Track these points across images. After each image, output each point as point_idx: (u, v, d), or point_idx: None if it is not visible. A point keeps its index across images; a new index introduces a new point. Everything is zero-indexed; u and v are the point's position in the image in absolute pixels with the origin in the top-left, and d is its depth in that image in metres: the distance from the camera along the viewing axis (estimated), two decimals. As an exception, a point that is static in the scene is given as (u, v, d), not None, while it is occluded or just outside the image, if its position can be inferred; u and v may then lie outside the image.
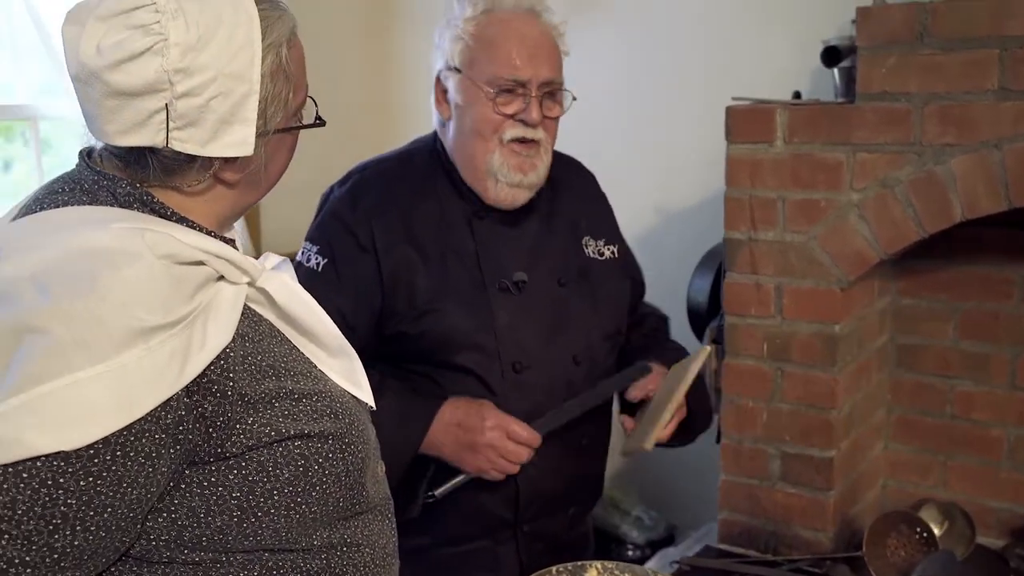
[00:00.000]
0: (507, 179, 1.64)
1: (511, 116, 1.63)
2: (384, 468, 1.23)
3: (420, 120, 3.31)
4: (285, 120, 1.09)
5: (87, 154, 1.08)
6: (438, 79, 1.71)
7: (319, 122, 1.17)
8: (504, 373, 1.65)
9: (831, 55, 2.01)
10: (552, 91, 1.66)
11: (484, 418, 1.57)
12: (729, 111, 2.00)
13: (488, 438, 1.56)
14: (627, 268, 1.90)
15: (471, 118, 1.65)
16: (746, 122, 1.99)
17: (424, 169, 1.72)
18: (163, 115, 0.98)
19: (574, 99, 1.71)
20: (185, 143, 1.00)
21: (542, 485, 1.70)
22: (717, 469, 2.15)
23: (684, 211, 2.84)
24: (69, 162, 1.09)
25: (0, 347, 0.89)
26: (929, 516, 2.02)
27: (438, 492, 1.60)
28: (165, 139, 0.99)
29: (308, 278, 1.63)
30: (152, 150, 1.01)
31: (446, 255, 1.66)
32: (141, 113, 0.98)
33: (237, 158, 1.04)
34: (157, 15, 0.96)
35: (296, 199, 3.12)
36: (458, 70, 1.66)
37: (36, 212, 1.02)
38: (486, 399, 1.62)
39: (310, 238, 1.70)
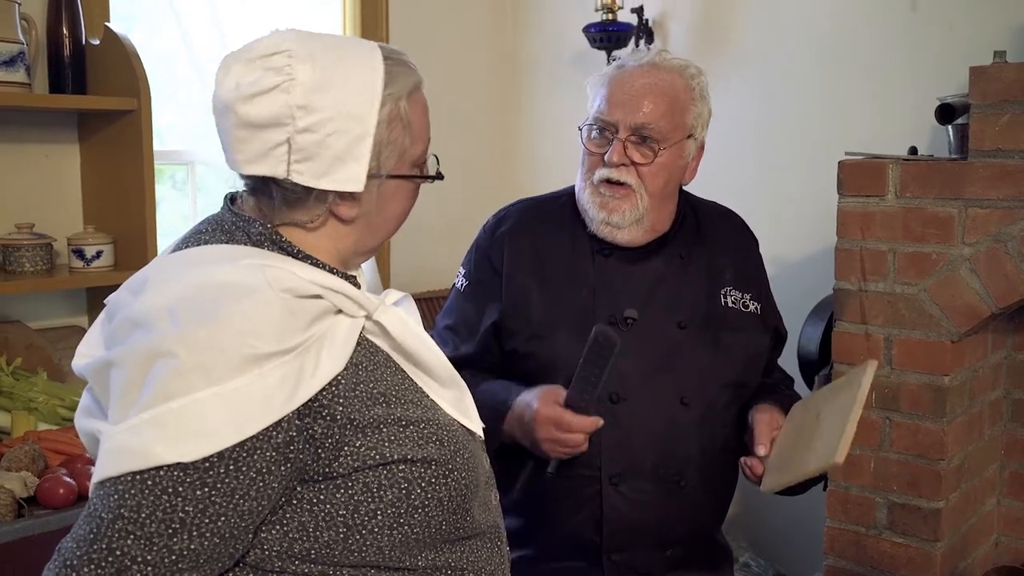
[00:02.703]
0: (594, 216, 1.74)
1: (600, 156, 1.73)
2: (498, 496, 1.29)
3: (543, 171, 3.47)
4: (402, 167, 1.17)
5: (230, 198, 1.21)
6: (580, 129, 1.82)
7: (437, 176, 1.24)
8: (601, 401, 1.68)
9: (945, 112, 2.05)
10: (644, 137, 1.71)
11: (534, 418, 1.61)
12: (841, 165, 2.07)
13: (541, 434, 1.61)
14: (768, 327, 1.87)
15: (582, 158, 1.78)
16: (857, 176, 2.04)
17: (566, 207, 1.84)
18: (285, 148, 1.09)
19: (663, 149, 1.70)
20: (302, 175, 1.10)
21: (627, 514, 1.72)
22: (825, 518, 2.18)
23: (797, 262, 2.89)
24: (219, 203, 1.23)
25: (138, 368, 1.00)
26: (1042, 574, 2.00)
27: (517, 485, 1.66)
28: (286, 170, 1.10)
29: (455, 297, 1.85)
30: (275, 181, 1.12)
31: (564, 286, 1.76)
32: (266, 144, 1.09)
33: (350, 195, 1.14)
34: (289, 59, 1.08)
35: (422, 241, 3.32)
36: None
37: (183, 249, 1.15)
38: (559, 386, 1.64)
39: (463, 263, 1.89)
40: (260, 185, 1.14)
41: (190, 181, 2.96)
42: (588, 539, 1.74)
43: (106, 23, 2.46)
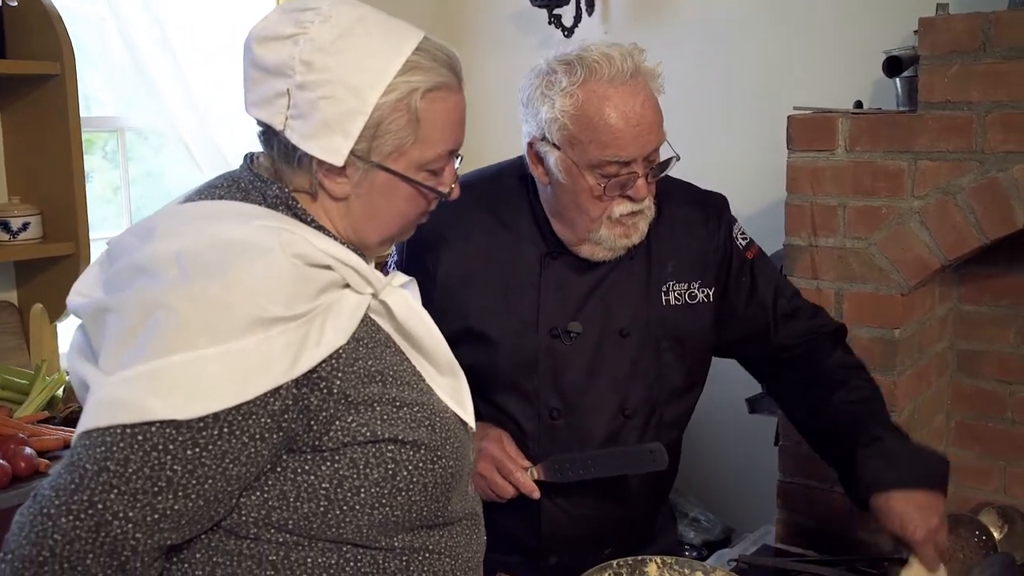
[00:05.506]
0: (612, 244, 1.60)
1: (618, 195, 1.56)
2: (473, 486, 1.27)
3: (488, 129, 3.41)
4: (398, 163, 1.12)
5: (250, 158, 1.18)
6: (531, 145, 1.59)
7: (435, 190, 1.17)
8: (540, 418, 1.66)
9: (893, 65, 2.05)
10: (653, 159, 1.57)
11: (480, 449, 1.58)
12: (790, 120, 2.05)
13: (479, 467, 1.57)
14: (720, 309, 1.73)
15: (576, 199, 1.57)
16: (807, 131, 2.03)
17: (510, 196, 1.69)
18: (285, 100, 1.08)
19: (678, 158, 1.59)
20: (292, 132, 1.09)
21: (566, 527, 1.70)
22: (775, 473, 2.19)
23: (746, 218, 2.86)
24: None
25: (137, 316, 0.98)
26: (988, 520, 2.03)
27: None
28: (283, 122, 1.09)
29: None
30: (275, 131, 1.11)
31: (507, 292, 1.65)
32: (270, 91, 1.09)
33: (336, 169, 1.10)
34: (315, 16, 1.09)
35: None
36: (556, 146, 1.55)
37: (195, 201, 1.12)
38: (515, 438, 1.63)
39: (397, 245, 1.72)
40: (264, 134, 1.14)
41: (120, 150, 2.84)
42: (525, 542, 1.71)
43: (24, -18, 2.34)
